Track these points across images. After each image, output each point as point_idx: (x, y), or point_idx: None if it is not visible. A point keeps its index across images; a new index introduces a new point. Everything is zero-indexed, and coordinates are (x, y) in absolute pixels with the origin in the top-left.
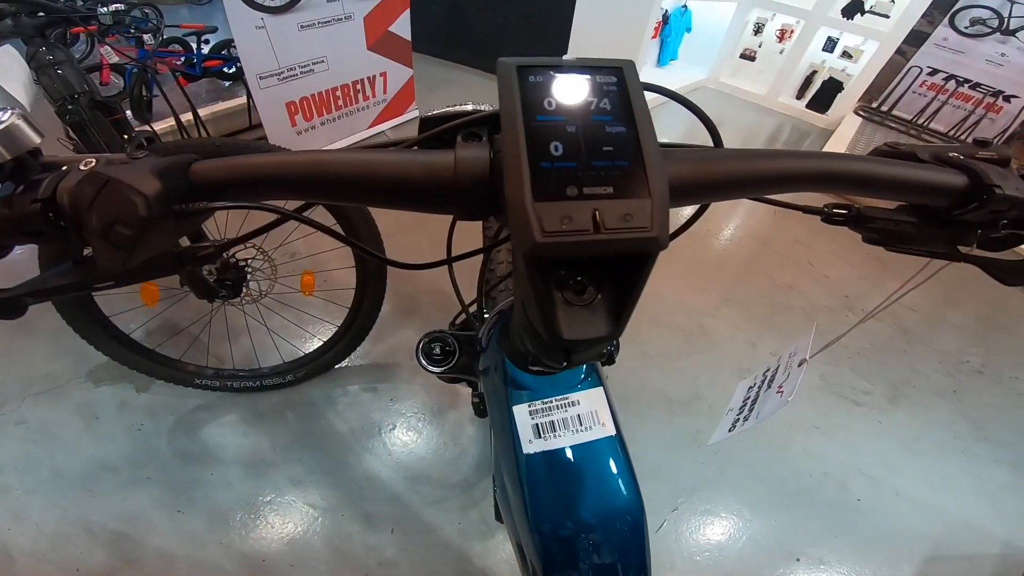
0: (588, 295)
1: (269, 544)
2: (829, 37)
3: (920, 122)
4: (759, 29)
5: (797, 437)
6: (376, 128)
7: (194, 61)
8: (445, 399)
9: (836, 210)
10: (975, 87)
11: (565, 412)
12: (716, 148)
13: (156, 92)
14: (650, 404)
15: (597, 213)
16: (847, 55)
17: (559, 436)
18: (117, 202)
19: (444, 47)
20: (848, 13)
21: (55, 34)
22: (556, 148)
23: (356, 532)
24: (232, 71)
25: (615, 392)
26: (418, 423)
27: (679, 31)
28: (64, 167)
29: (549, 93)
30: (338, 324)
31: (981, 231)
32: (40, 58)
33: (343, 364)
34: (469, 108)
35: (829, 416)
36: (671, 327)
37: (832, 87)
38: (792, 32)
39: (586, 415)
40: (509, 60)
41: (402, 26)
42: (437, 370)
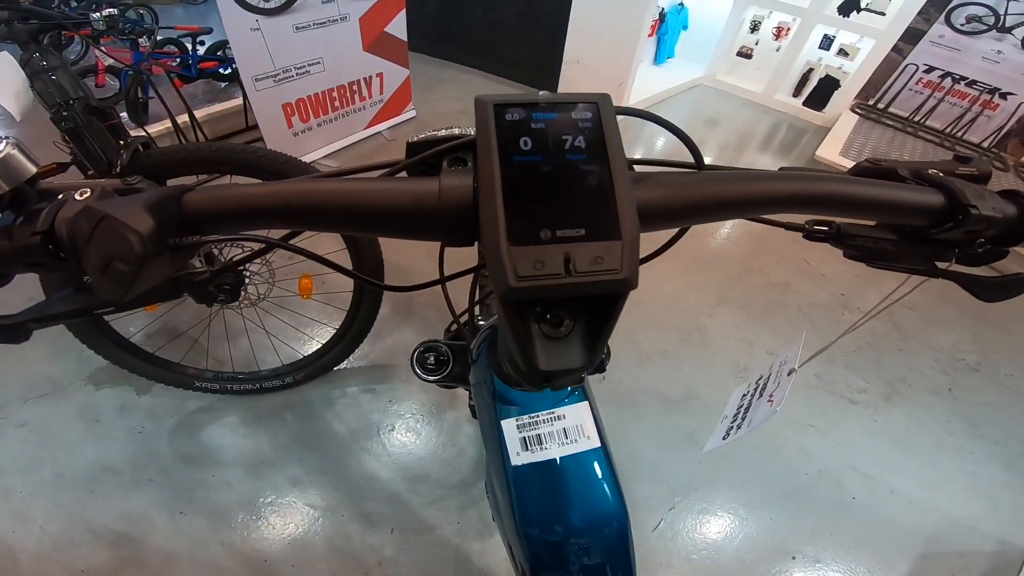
0: (565, 327)
1: (270, 544)
2: (825, 35)
3: (917, 119)
4: (755, 27)
5: (792, 435)
6: (373, 128)
7: (190, 63)
8: (443, 400)
9: (817, 227)
10: (971, 84)
11: (551, 426)
12: (697, 170)
13: (152, 94)
14: (647, 403)
15: (569, 257)
16: (843, 53)
17: (545, 449)
18: (113, 239)
19: (441, 46)
20: (844, 10)
21: (48, 39)
22: (532, 190)
23: (356, 532)
24: (228, 72)
25: (612, 392)
26: (416, 424)
27: (676, 29)
28: (61, 195)
29: (526, 131)
30: (336, 327)
31: (959, 248)
32: (34, 64)
33: (342, 366)
34: (456, 132)
35: (824, 414)
36: (668, 326)
37: (829, 85)
38: (788, 30)
39: (571, 428)
40: (487, 98)
41: (398, 26)
42: (431, 379)
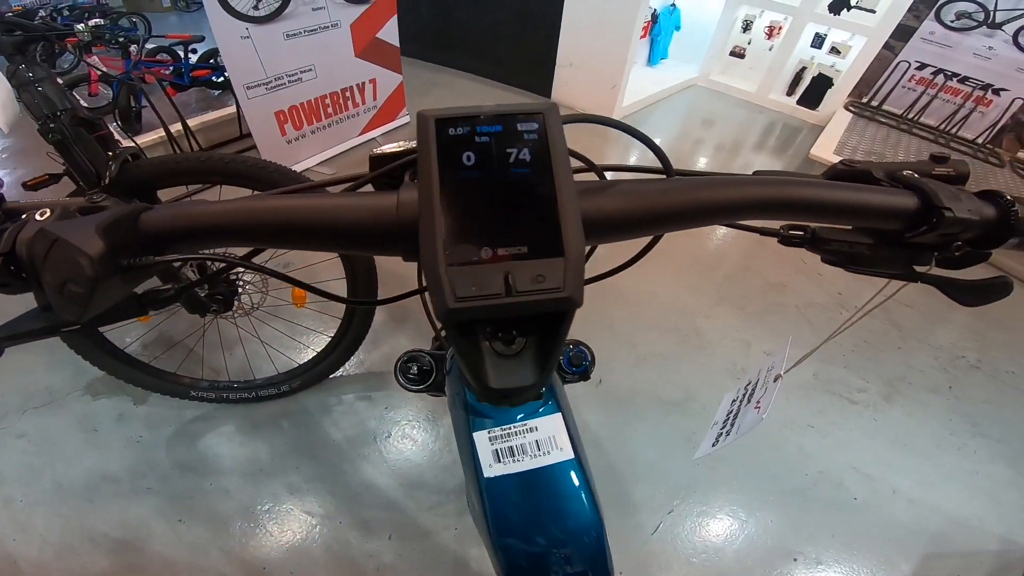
0: (517, 344)
1: (269, 551)
2: (817, 33)
3: (911, 116)
4: (748, 26)
5: (792, 436)
6: (368, 135)
7: (182, 71)
8: (439, 406)
9: (793, 231)
10: (964, 81)
11: (523, 438)
12: (666, 178)
13: (145, 103)
14: (645, 405)
15: (509, 276)
16: (835, 51)
17: (518, 461)
18: (65, 262)
19: (434, 50)
20: (835, 8)
21: (35, 50)
22: (473, 207)
23: (354, 539)
24: (221, 80)
25: (610, 395)
26: (413, 430)
27: (668, 30)
28: (24, 215)
29: (469, 146)
30: (331, 335)
31: (937, 252)
32: (20, 76)
33: (338, 373)
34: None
35: (824, 414)
36: (665, 328)
37: (822, 83)
38: (780, 29)
39: (544, 440)
40: (428, 113)
41: (390, 32)
42: (415, 389)
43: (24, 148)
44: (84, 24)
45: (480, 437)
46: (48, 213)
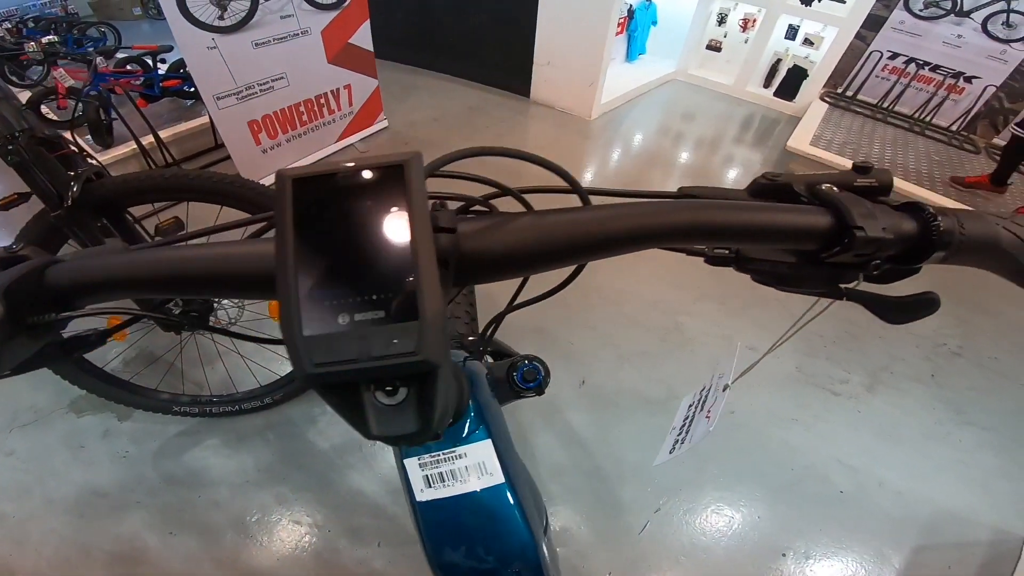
0: (400, 394)
1: (261, 561)
2: (790, 24)
3: (886, 106)
4: (723, 19)
5: (776, 431)
6: (345, 141)
7: (152, 82)
8: None
9: (718, 250)
10: (935, 69)
11: (452, 464)
12: (574, 208)
13: (115, 116)
14: (628, 405)
15: (365, 341)
16: (809, 42)
17: (448, 486)
18: None
19: (412, 53)
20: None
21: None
22: (330, 274)
23: (343, 547)
24: (192, 90)
25: (593, 396)
26: None
27: (645, 25)
28: None
29: (327, 206)
30: None
31: (860, 270)
32: None
33: None
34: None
35: (807, 408)
36: (647, 327)
37: (797, 74)
38: (755, 21)
39: (473, 467)
40: (287, 172)
41: (363, 37)
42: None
43: None
44: (35, 43)
45: (411, 464)
46: None
